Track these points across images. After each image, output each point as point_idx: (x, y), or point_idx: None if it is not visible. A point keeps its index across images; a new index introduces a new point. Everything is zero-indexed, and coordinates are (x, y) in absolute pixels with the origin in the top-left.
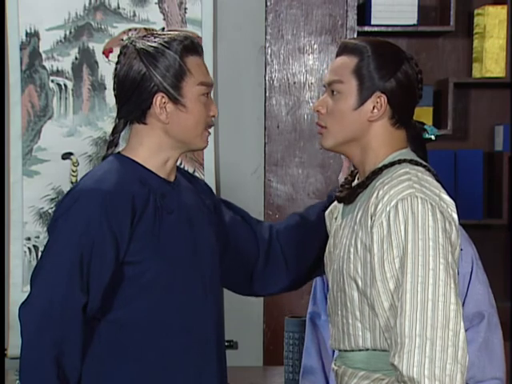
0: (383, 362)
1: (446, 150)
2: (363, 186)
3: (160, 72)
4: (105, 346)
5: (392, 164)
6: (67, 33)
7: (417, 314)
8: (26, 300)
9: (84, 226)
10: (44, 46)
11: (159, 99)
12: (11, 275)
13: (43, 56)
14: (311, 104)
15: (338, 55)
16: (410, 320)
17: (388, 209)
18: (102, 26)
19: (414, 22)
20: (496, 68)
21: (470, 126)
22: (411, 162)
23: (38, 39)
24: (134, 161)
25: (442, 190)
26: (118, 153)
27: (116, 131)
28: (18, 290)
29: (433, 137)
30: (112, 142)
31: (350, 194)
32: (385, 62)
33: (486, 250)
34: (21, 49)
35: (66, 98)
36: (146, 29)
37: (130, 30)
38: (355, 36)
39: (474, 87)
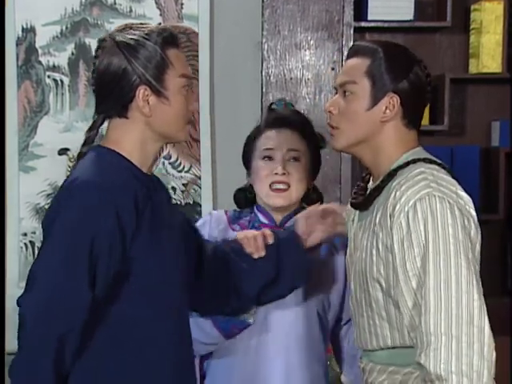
0: (412, 357)
1: (443, 146)
2: (378, 189)
3: (142, 63)
4: (102, 342)
5: (406, 164)
6: (63, 28)
7: (441, 312)
8: (27, 292)
9: (91, 221)
10: (40, 41)
11: (142, 92)
12: (7, 271)
13: (39, 51)
14: (308, 100)
15: (349, 57)
16: (435, 318)
17: (406, 209)
18: (99, 22)
19: (411, 17)
20: (492, 64)
21: (466, 121)
22: (425, 160)
23: (35, 35)
24: (122, 156)
25: (459, 187)
26: (99, 146)
27: (94, 127)
28: (15, 286)
29: None
30: (89, 138)
31: (366, 199)
32: (397, 63)
33: (483, 245)
34: (17, 44)
35: (62, 94)
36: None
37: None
38: (351, 32)
39: (470, 83)
